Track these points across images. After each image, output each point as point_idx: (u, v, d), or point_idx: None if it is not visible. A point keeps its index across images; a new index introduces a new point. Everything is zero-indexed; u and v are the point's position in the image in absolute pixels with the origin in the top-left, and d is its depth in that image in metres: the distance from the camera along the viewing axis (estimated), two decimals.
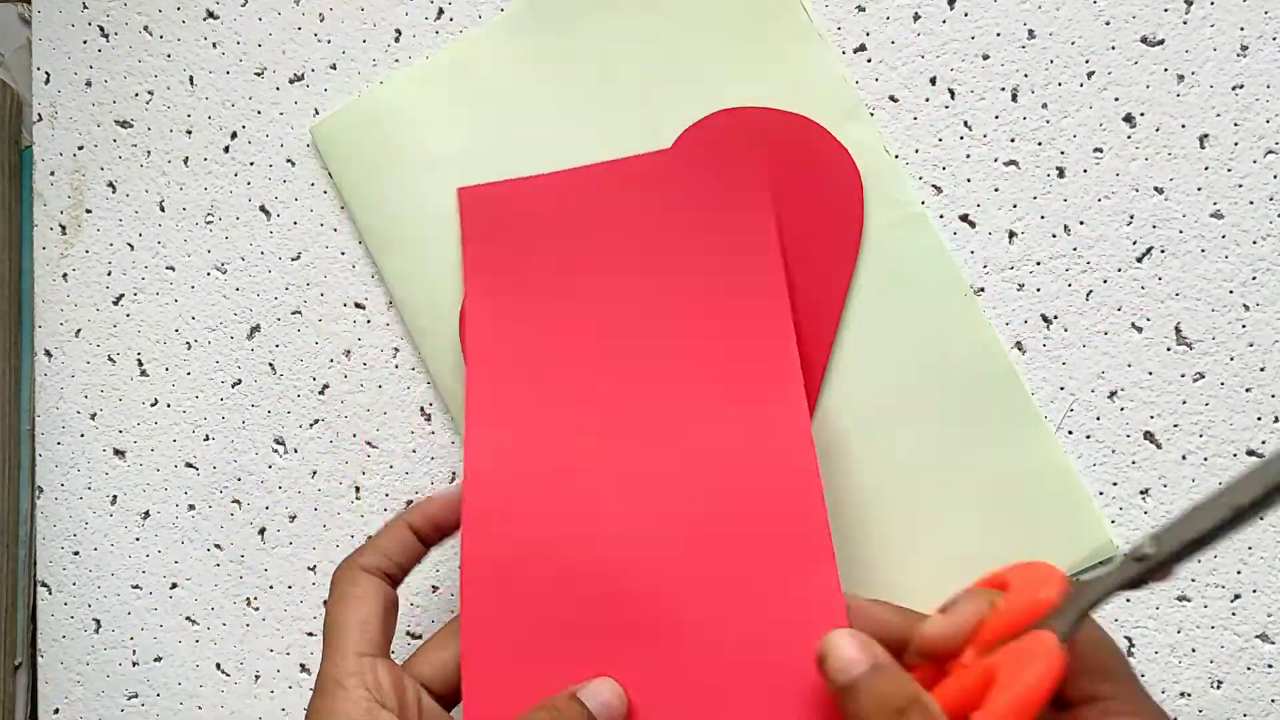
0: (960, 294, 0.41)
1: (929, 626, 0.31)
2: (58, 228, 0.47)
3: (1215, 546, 0.29)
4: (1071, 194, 0.41)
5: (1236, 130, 0.41)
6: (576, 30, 0.43)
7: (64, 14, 0.47)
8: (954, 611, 0.31)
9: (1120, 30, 0.41)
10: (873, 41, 0.42)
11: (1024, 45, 0.42)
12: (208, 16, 0.46)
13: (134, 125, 0.46)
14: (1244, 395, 0.40)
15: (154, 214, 0.46)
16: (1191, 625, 0.40)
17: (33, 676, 0.47)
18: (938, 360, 0.41)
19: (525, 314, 0.40)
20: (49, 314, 0.47)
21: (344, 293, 0.45)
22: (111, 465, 0.46)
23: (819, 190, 0.41)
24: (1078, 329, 0.41)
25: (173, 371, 0.46)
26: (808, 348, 0.42)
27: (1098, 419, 0.41)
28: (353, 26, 0.45)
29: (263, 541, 0.45)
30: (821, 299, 0.41)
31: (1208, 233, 0.41)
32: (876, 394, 0.41)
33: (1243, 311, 0.41)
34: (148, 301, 0.46)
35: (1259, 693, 0.40)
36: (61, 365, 0.46)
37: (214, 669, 0.45)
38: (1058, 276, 0.41)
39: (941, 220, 0.42)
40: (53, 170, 0.47)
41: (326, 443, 0.45)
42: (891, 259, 0.42)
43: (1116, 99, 0.41)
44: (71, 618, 0.46)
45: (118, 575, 0.46)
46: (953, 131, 0.42)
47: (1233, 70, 0.41)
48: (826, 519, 0.35)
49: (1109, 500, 0.41)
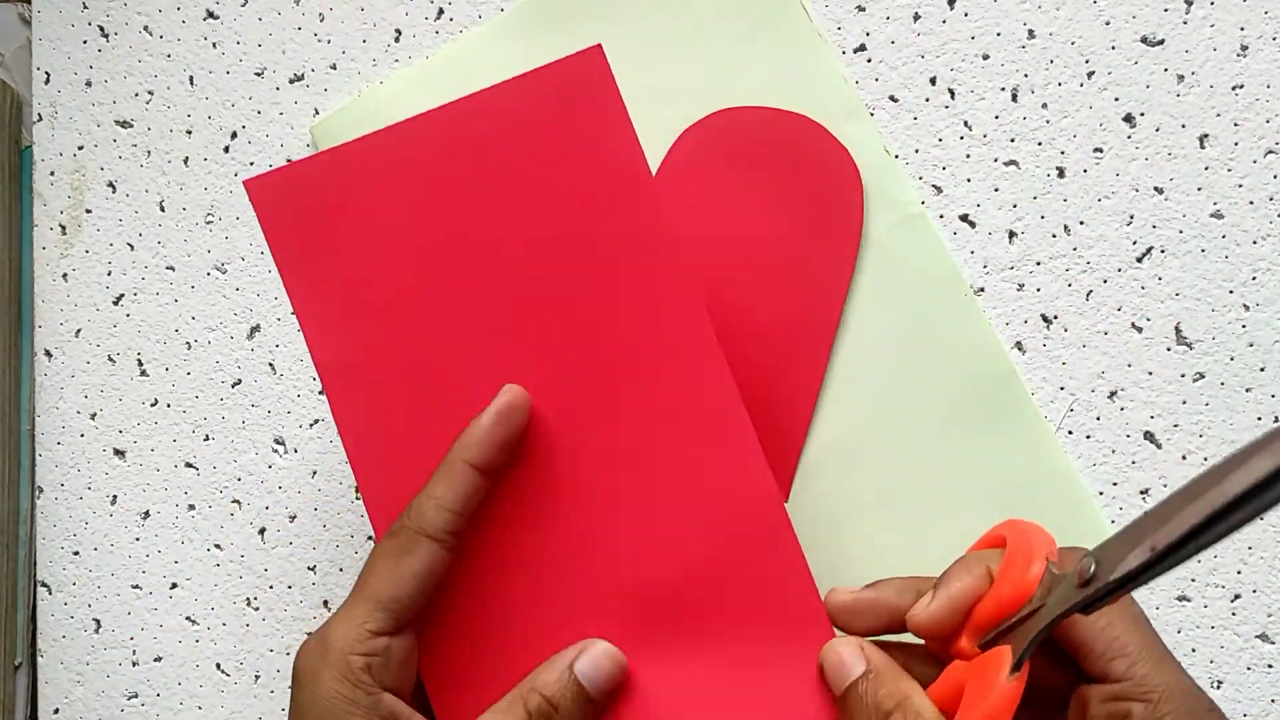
0: (960, 294, 0.41)
1: (915, 612, 0.32)
2: (58, 228, 0.47)
3: (1174, 569, 0.28)
4: (1071, 194, 0.41)
5: (1236, 130, 0.41)
6: (576, 30, 0.43)
7: (64, 14, 0.47)
8: (944, 588, 0.31)
9: (1120, 30, 0.41)
10: (873, 41, 0.42)
11: (1024, 45, 0.42)
12: (208, 16, 0.46)
13: (134, 125, 0.46)
14: (1244, 395, 0.40)
15: (154, 214, 0.46)
16: (1191, 625, 0.40)
17: (33, 676, 0.47)
18: (938, 360, 0.41)
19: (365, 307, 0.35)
20: (49, 314, 0.47)
21: None
22: (111, 465, 0.46)
23: (819, 190, 0.41)
24: (1078, 329, 0.41)
25: (173, 371, 0.46)
26: (808, 348, 0.42)
27: (1098, 419, 0.41)
28: (353, 26, 0.45)
29: (263, 541, 0.45)
30: (821, 299, 0.42)
31: (1208, 233, 0.41)
32: (876, 394, 0.41)
33: (1243, 311, 0.41)
34: (148, 301, 0.46)
35: (1259, 693, 0.40)
36: (61, 365, 0.46)
37: (214, 669, 0.45)
38: (1058, 276, 0.41)
39: (941, 220, 0.42)
40: (53, 170, 0.47)
41: (326, 443, 0.45)
42: (891, 259, 0.42)
43: (1116, 99, 0.41)
44: (71, 618, 0.46)
45: (118, 575, 0.46)
46: (953, 131, 0.42)
47: (1233, 70, 0.41)
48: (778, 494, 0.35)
49: (1109, 500, 0.41)
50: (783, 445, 0.42)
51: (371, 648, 0.32)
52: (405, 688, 0.34)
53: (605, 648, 0.34)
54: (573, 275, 0.35)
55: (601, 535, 0.35)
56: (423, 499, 0.33)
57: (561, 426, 0.35)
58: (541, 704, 0.33)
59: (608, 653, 0.34)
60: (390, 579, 0.33)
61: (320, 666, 0.33)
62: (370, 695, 0.32)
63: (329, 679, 0.32)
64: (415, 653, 0.34)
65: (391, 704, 0.33)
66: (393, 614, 0.33)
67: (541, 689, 0.33)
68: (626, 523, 0.34)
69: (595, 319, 0.35)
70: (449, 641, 0.35)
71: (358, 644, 0.32)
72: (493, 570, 0.35)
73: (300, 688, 0.33)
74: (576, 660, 0.33)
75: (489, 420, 0.33)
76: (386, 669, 0.33)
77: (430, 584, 0.33)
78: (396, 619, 0.33)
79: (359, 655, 0.32)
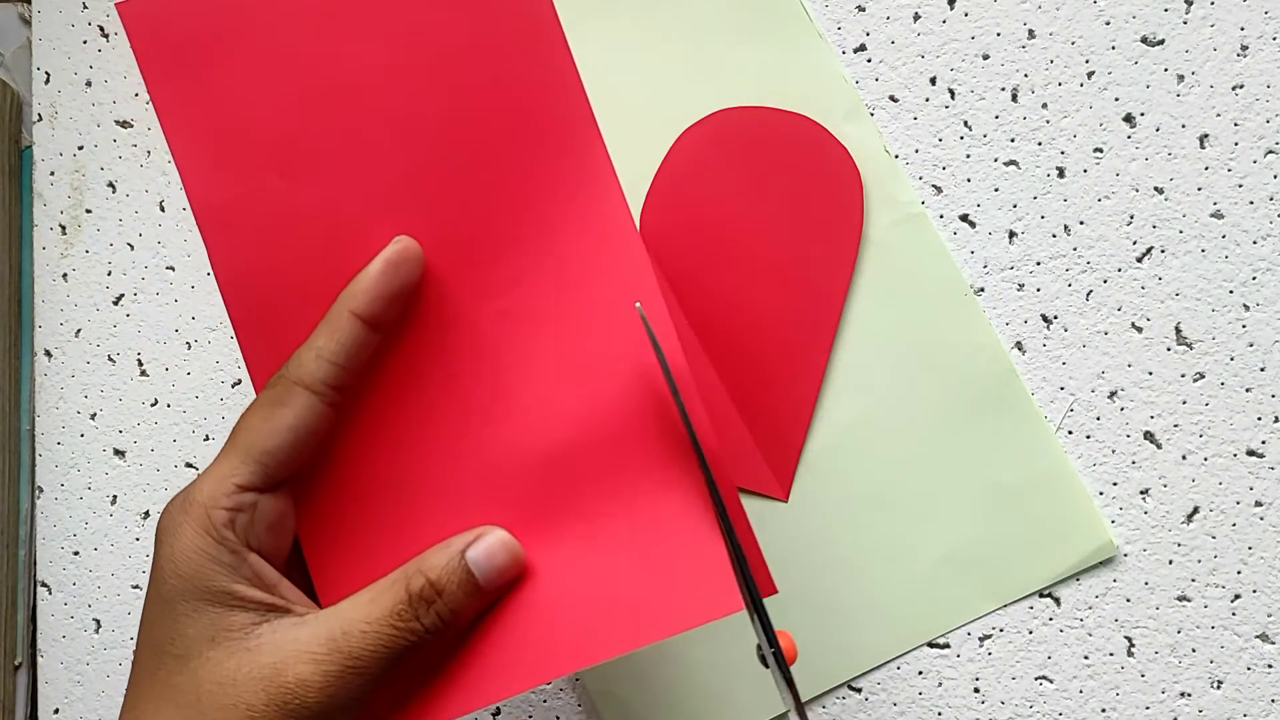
0: (960, 294, 0.41)
1: None
2: (58, 228, 0.47)
3: None
4: (1071, 194, 0.41)
5: (1236, 130, 0.41)
6: (576, 31, 0.43)
7: (64, 14, 0.47)
8: None
9: (1120, 30, 0.41)
10: (873, 41, 0.42)
11: (1024, 45, 0.42)
12: None
13: (134, 125, 0.46)
14: (1244, 395, 0.40)
15: (154, 214, 0.46)
16: (1191, 625, 0.40)
17: (33, 676, 0.47)
18: (937, 360, 0.41)
19: (250, 147, 0.33)
20: (49, 314, 0.47)
21: None
22: (111, 465, 0.46)
23: (819, 190, 0.41)
24: (1078, 329, 0.41)
25: (173, 371, 0.46)
26: (808, 348, 0.42)
27: (1098, 419, 0.41)
28: None
29: None
30: (821, 299, 0.42)
31: (1208, 233, 0.41)
32: (876, 394, 0.41)
33: (1243, 311, 0.41)
34: (148, 301, 0.46)
35: (1259, 693, 0.40)
36: (61, 365, 0.46)
37: None
38: (1058, 276, 0.41)
39: (941, 220, 0.42)
40: (53, 170, 0.47)
41: None
42: (891, 259, 0.42)
43: (1116, 99, 0.41)
44: (71, 618, 0.46)
45: (118, 575, 0.46)
46: (953, 131, 0.42)
47: (1233, 70, 0.41)
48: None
49: (1109, 500, 0.41)
50: (783, 445, 0.42)
51: (237, 502, 0.30)
52: (276, 551, 0.32)
53: (502, 536, 0.31)
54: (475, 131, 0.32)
55: (495, 404, 0.32)
56: (303, 350, 0.31)
57: (456, 287, 0.32)
58: (425, 587, 0.30)
59: (504, 542, 0.31)
60: (262, 431, 0.31)
61: (182, 521, 0.30)
62: (234, 554, 0.30)
63: (190, 534, 0.30)
64: (290, 516, 0.32)
65: (257, 564, 0.31)
66: (263, 467, 0.30)
67: (428, 571, 0.30)
68: (520, 391, 0.32)
69: (498, 178, 0.32)
70: (330, 506, 0.32)
71: (223, 498, 0.30)
72: (381, 435, 0.32)
73: (160, 544, 0.30)
74: (470, 546, 0.31)
75: (377, 269, 0.31)
76: (252, 527, 0.31)
77: (306, 438, 0.31)
78: (267, 473, 0.31)
79: (223, 510, 0.30)
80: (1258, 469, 0.40)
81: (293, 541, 0.33)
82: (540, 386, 0.32)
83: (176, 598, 0.30)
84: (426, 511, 0.32)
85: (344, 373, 0.31)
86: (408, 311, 0.32)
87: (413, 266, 0.32)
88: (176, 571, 0.30)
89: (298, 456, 0.31)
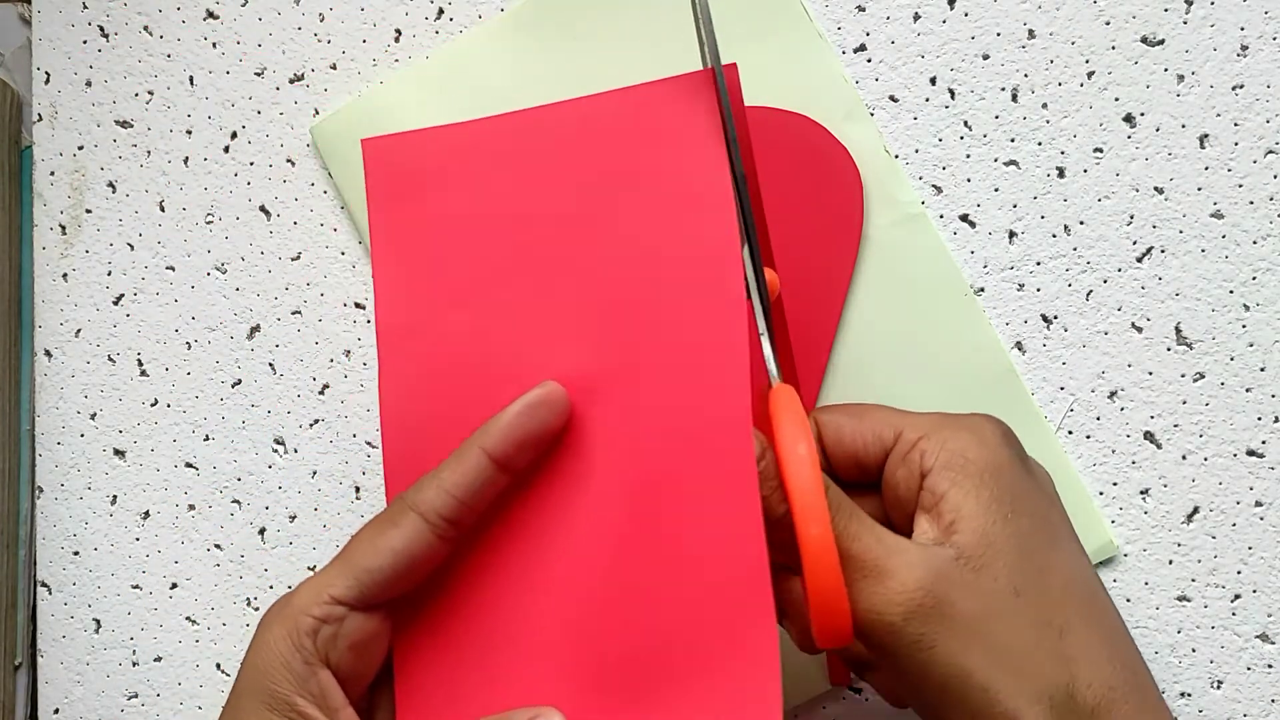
0: (960, 294, 0.41)
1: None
2: (58, 228, 0.47)
3: None
4: (1071, 194, 0.41)
5: (1236, 130, 0.41)
6: (577, 30, 0.43)
7: (64, 14, 0.47)
8: None
9: (1120, 30, 0.41)
10: (873, 41, 0.42)
11: (1024, 45, 0.42)
12: (208, 16, 0.46)
13: (134, 125, 0.46)
14: (1244, 395, 0.40)
15: (154, 214, 0.46)
16: (1191, 625, 0.40)
17: (33, 676, 0.47)
18: (937, 360, 0.41)
19: (438, 279, 0.35)
20: (49, 314, 0.47)
21: (344, 293, 0.45)
22: (111, 465, 0.46)
23: (819, 190, 0.41)
24: (1078, 329, 0.41)
25: (173, 371, 0.46)
26: (808, 348, 0.42)
27: (1098, 419, 0.41)
28: (353, 26, 0.45)
29: (263, 541, 0.45)
30: (821, 299, 0.42)
31: (1208, 233, 0.41)
32: (876, 393, 0.41)
33: (1243, 311, 0.41)
34: (148, 301, 0.46)
35: (1259, 693, 0.40)
36: (61, 365, 0.46)
37: (214, 669, 0.45)
38: (1058, 276, 0.41)
39: (941, 220, 0.42)
40: (53, 170, 0.47)
41: (326, 443, 0.45)
42: (891, 259, 0.42)
43: (1116, 99, 0.41)
44: (71, 618, 0.46)
45: (118, 575, 0.46)
46: (953, 131, 0.42)
47: (1233, 70, 0.41)
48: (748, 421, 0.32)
49: (1109, 500, 0.41)
50: None
51: (327, 613, 0.30)
52: (357, 673, 0.32)
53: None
54: (638, 274, 0.34)
55: (607, 588, 0.32)
56: (427, 477, 0.31)
57: (598, 446, 0.33)
58: None
59: None
60: (368, 549, 0.31)
61: (274, 620, 0.31)
62: (306, 665, 0.30)
63: (276, 633, 0.30)
64: (383, 640, 0.32)
65: (326, 683, 0.30)
66: (360, 584, 0.30)
67: None
68: (621, 568, 0.32)
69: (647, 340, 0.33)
70: (426, 640, 0.33)
71: (314, 606, 0.30)
72: (491, 579, 0.33)
73: (254, 636, 0.31)
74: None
75: (515, 410, 0.32)
76: (335, 642, 0.31)
77: (409, 564, 0.31)
78: (363, 591, 0.31)
79: (311, 617, 0.30)
80: (1258, 469, 0.40)
81: (379, 668, 0.33)
82: (649, 577, 0.32)
83: (245, 692, 0.31)
84: (518, 668, 0.33)
85: (462, 507, 0.31)
86: (545, 459, 0.33)
87: (550, 413, 0.32)
88: (254, 665, 0.30)
89: (398, 580, 0.31)
